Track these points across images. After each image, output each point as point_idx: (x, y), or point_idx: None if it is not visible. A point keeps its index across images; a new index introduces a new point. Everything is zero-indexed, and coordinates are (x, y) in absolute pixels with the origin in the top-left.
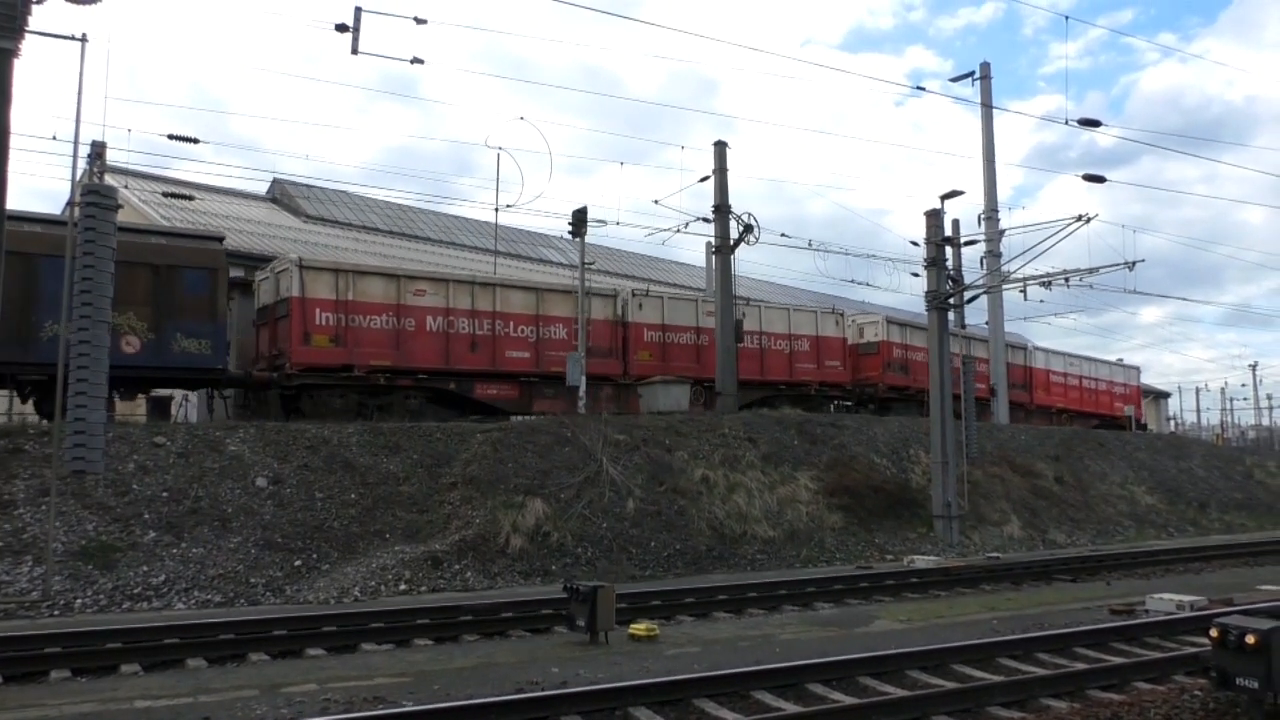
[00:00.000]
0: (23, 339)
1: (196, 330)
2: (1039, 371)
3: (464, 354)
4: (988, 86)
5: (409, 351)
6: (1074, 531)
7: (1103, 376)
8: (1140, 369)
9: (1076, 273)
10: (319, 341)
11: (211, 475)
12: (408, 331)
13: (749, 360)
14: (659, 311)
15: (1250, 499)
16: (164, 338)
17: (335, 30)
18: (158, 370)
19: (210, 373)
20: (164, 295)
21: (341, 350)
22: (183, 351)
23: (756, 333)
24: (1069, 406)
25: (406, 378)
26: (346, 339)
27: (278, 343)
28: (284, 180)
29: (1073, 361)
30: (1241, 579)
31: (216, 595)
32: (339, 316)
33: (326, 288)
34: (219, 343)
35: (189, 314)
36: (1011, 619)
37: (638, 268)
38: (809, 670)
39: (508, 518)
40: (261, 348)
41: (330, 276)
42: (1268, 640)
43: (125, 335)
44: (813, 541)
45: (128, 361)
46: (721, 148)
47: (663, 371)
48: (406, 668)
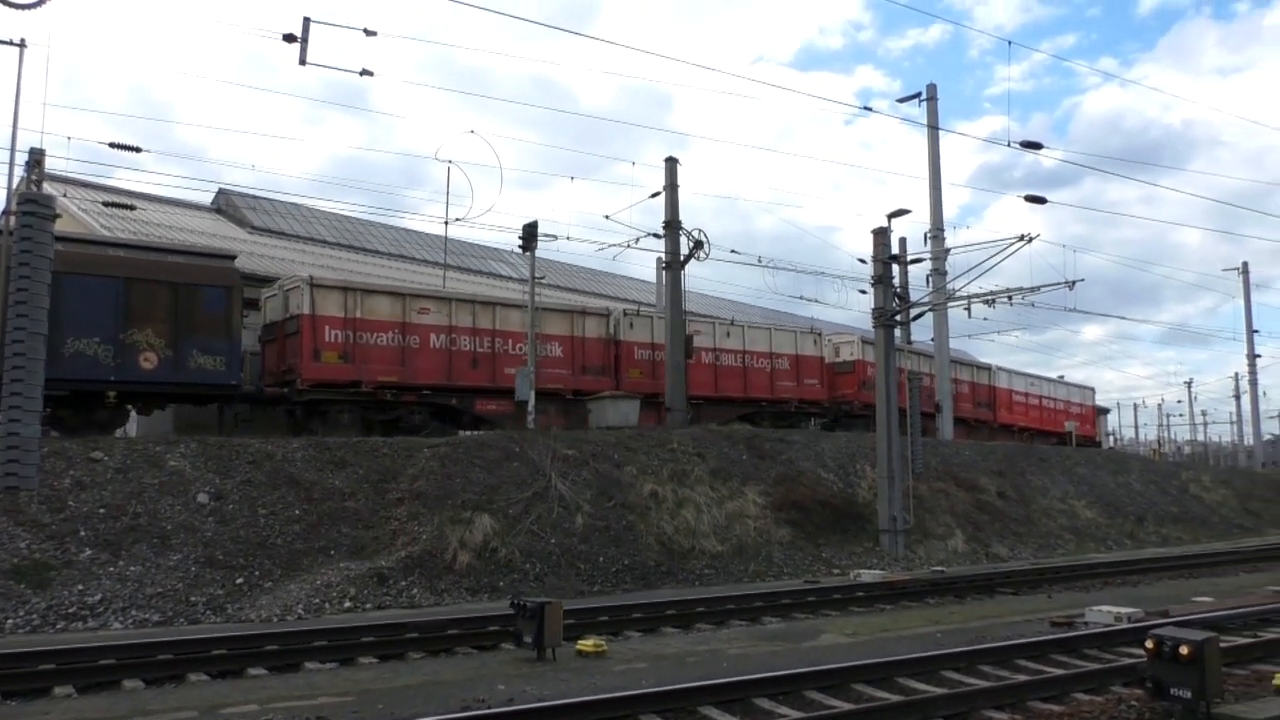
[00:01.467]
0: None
1: (212, 347)
2: (1002, 391)
3: (465, 370)
4: (934, 108)
5: (414, 368)
6: (1016, 545)
7: (1060, 396)
8: (1095, 390)
9: (1019, 291)
10: (328, 358)
11: (151, 491)
12: (412, 349)
13: (733, 377)
14: (649, 330)
15: (1185, 513)
16: (181, 354)
17: (283, 40)
18: (175, 386)
19: (225, 389)
20: (181, 313)
21: (350, 367)
22: (199, 368)
23: (740, 351)
24: (1030, 425)
25: (411, 393)
26: (354, 356)
27: (287, 359)
28: (230, 191)
29: (1033, 382)
30: (1177, 591)
31: (155, 614)
32: (347, 334)
33: (335, 305)
34: (233, 359)
35: (205, 331)
36: (955, 632)
37: (589, 282)
38: (756, 685)
39: (455, 533)
40: (269, 364)
41: (339, 295)
42: (1200, 651)
43: (144, 352)
44: (761, 556)
45: (146, 378)
46: (672, 164)
47: (653, 389)
48: (350, 687)
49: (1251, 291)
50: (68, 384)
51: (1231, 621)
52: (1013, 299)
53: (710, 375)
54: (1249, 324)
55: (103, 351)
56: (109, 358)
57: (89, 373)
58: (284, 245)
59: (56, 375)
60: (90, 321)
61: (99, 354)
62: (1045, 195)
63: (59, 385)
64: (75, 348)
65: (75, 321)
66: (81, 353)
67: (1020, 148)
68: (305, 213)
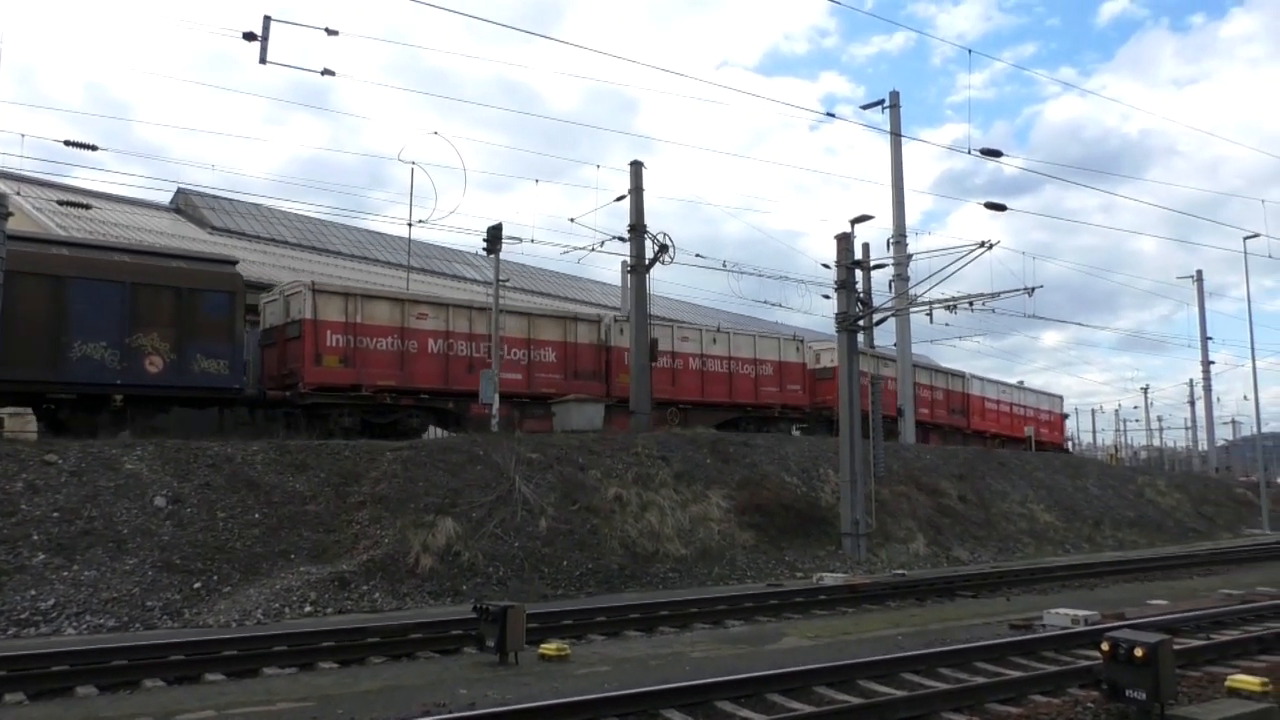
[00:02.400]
0: (53, 360)
1: (215, 351)
2: (975, 399)
3: (462, 375)
4: (897, 115)
5: (412, 372)
6: (976, 548)
7: (1030, 404)
8: (1063, 398)
9: (979, 297)
10: (329, 362)
11: (106, 494)
12: (411, 353)
13: (719, 383)
14: None
15: (1141, 517)
16: (185, 358)
17: (243, 39)
18: (179, 390)
19: (227, 392)
20: (186, 317)
21: (350, 370)
22: (203, 371)
23: (726, 358)
24: (1001, 432)
25: (410, 397)
26: (355, 360)
27: (288, 363)
28: (189, 191)
29: (1005, 390)
30: (1133, 594)
31: (110, 620)
32: (348, 338)
33: (336, 310)
34: (236, 363)
35: (208, 335)
36: (916, 634)
37: (554, 286)
38: (718, 688)
39: (418, 537)
40: (270, 368)
41: (340, 300)
42: (1154, 653)
43: (149, 355)
44: (724, 559)
45: (151, 381)
46: (638, 167)
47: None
48: (310, 692)
49: (1206, 299)
50: (75, 387)
51: (1185, 624)
52: (974, 305)
53: (697, 381)
54: (1203, 331)
55: (109, 355)
56: (115, 361)
57: (96, 376)
58: (244, 246)
59: (64, 379)
60: (97, 326)
61: (105, 358)
62: (1006, 202)
63: (67, 388)
64: (82, 351)
65: (82, 325)
66: (89, 356)
67: (981, 155)
68: (266, 213)
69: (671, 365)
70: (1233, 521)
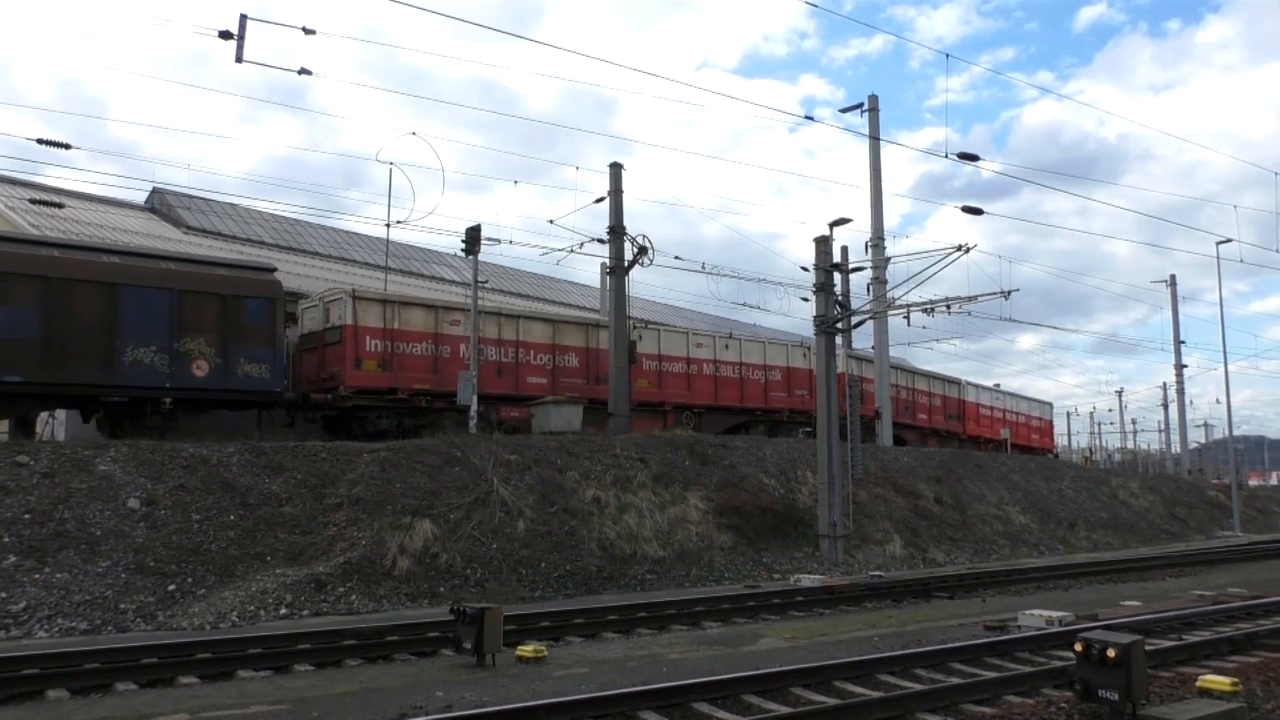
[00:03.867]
0: (107, 363)
1: (257, 355)
2: (970, 405)
3: (491, 379)
4: (875, 119)
5: (445, 376)
6: (953, 550)
7: (1022, 410)
8: (1053, 405)
9: (956, 300)
10: (369, 366)
11: (79, 496)
12: (444, 358)
13: (731, 388)
14: (655, 342)
15: (1115, 518)
16: (229, 362)
17: (219, 37)
18: (224, 393)
19: (269, 395)
20: (229, 323)
21: (388, 375)
22: (246, 375)
23: (738, 363)
24: (995, 437)
25: (443, 400)
26: (392, 364)
27: (328, 367)
28: (164, 190)
29: (998, 397)
30: (1106, 595)
31: (82, 622)
32: (386, 343)
33: (375, 317)
34: (277, 367)
35: (251, 340)
36: (892, 636)
37: (532, 287)
38: (695, 689)
39: (395, 539)
40: (308, 371)
41: (379, 306)
42: (1127, 654)
43: (196, 359)
44: (702, 561)
45: (198, 384)
46: (617, 169)
47: (660, 398)
48: (285, 695)
49: (1179, 303)
50: (127, 390)
51: (1157, 625)
52: (951, 308)
53: (711, 386)
54: (1176, 335)
55: (158, 359)
56: (164, 365)
57: (146, 379)
58: (220, 246)
59: (117, 382)
60: (147, 331)
61: (155, 361)
62: (984, 206)
63: (119, 392)
64: (134, 355)
65: (134, 330)
66: (139, 360)
67: (957, 159)
68: (242, 213)
69: (686, 370)
70: (1205, 523)
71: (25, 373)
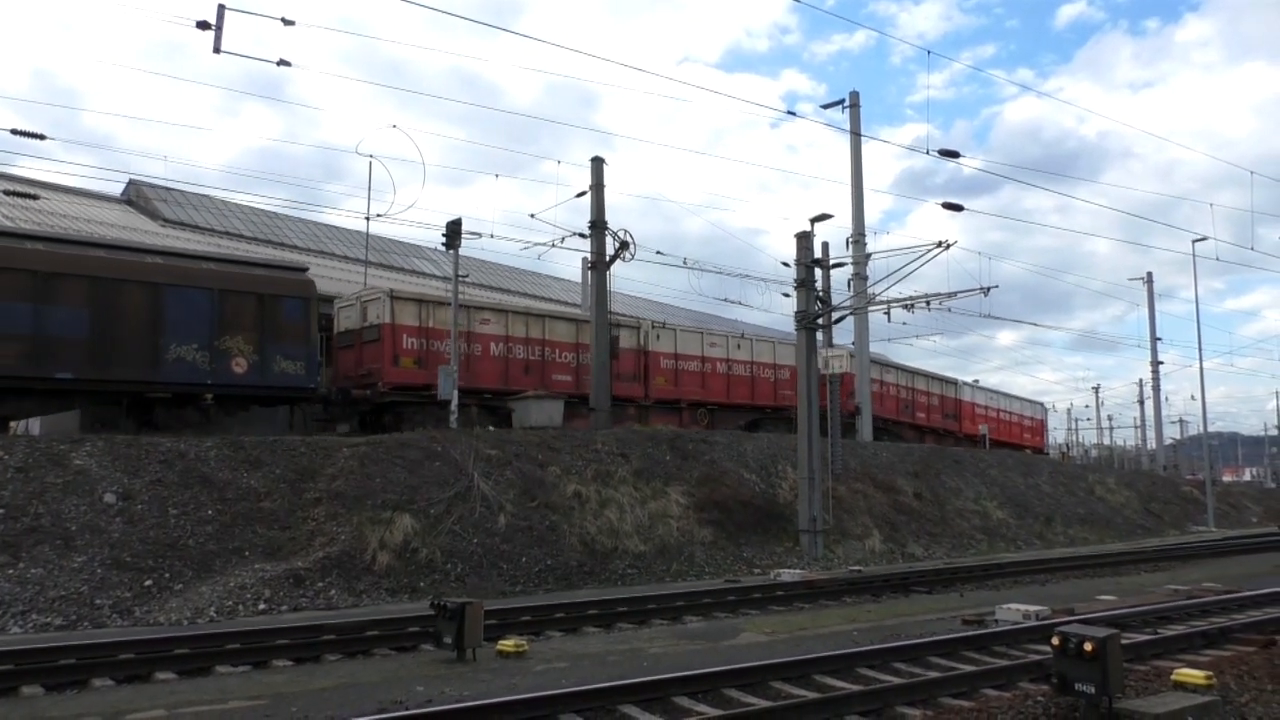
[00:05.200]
0: (151, 361)
1: (292, 353)
2: (966, 404)
3: (519, 376)
4: (856, 115)
5: (475, 373)
6: (931, 545)
7: (1015, 410)
8: (1045, 405)
9: (936, 296)
10: (405, 363)
11: (54, 491)
12: (475, 356)
13: (742, 386)
14: (672, 342)
15: (1091, 514)
16: (266, 360)
17: (197, 27)
18: (261, 389)
19: (303, 391)
20: (266, 321)
21: (423, 371)
22: (281, 372)
23: (749, 362)
24: (990, 436)
25: (474, 397)
26: (427, 361)
27: (365, 364)
28: (140, 181)
29: (993, 397)
30: (1082, 589)
31: (57, 618)
32: (421, 341)
33: (411, 315)
34: (311, 364)
35: (286, 338)
36: (871, 630)
37: (513, 281)
38: (675, 683)
39: (375, 534)
40: (345, 368)
41: (415, 306)
42: (1103, 648)
43: (235, 357)
44: (683, 556)
45: (237, 381)
46: (599, 164)
47: (676, 395)
48: (263, 690)
49: (1156, 301)
50: (171, 387)
51: (1133, 619)
52: (931, 304)
53: (724, 384)
54: (1153, 332)
55: (200, 357)
56: (206, 362)
57: (189, 376)
58: (198, 239)
59: (162, 379)
60: (189, 329)
61: (197, 359)
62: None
63: (163, 388)
64: (177, 353)
65: (177, 329)
66: (182, 358)
67: (939, 156)
68: (220, 206)
69: (701, 369)
70: (1179, 519)
71: (76, 370)
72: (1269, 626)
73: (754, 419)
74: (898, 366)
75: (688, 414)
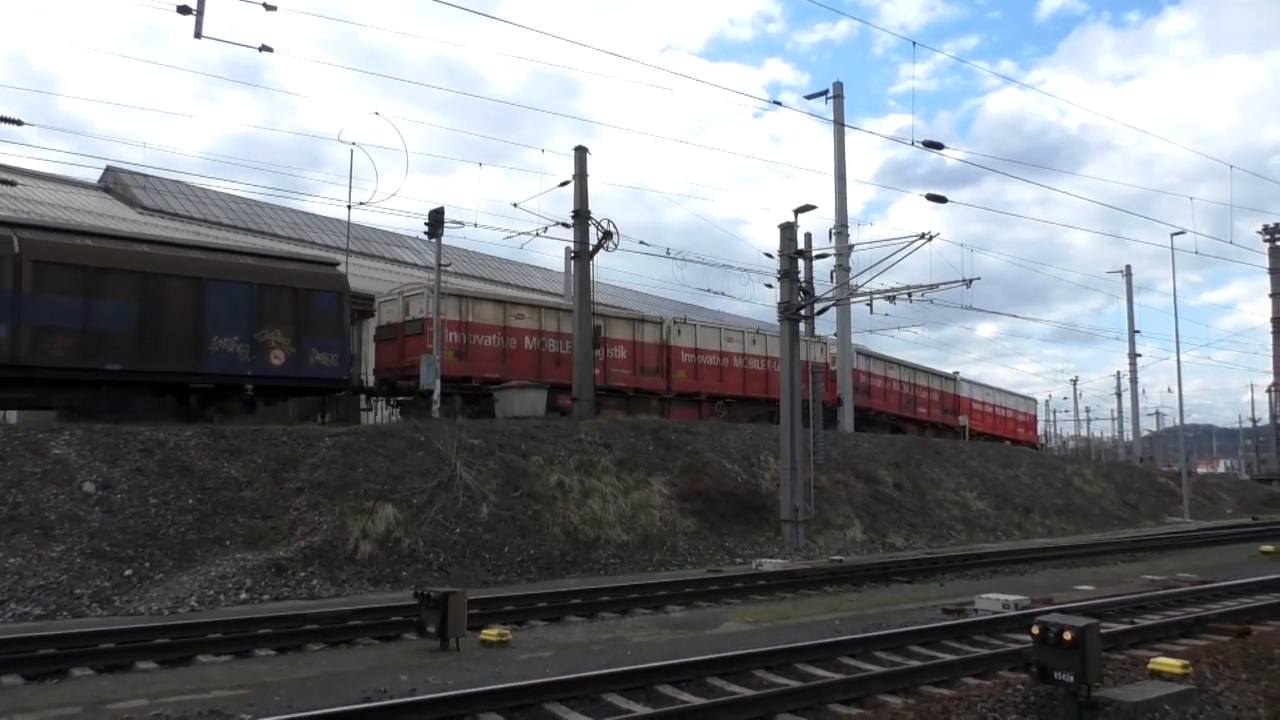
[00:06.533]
0: (195, 353)
1: (327, 345)
2: (964, 399)
3: (551, 369)
4: (840, 105)
5: (511, 366)
6: (911, 535)
7: (1010, 405)
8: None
9: (918, 288)
10: (447, 356)
11: (32, 480)
12: (511, 349)
13: (757, 380)
14: (693, 337)
15: (1069, 505)
16: (302, 352)
17: (177, 12)
18: (298, 380)
19: (337, 382)
20: (302, 315)
21: (463, 364)
22: (317, 364)
23: (763, 356)
24: (985, 430)
25: None
26: (467, 354)
27: (408, 356)
28: (118, 168)
29: (989, 393)
30: (1061, 579)
31: (36, 608)
32: (461, 335)
33: (452, 310)
34: (344, 356)
35: (321, 331)
36: (852, 619)
37: (496, 271)
38: (659, 672)
39: (357, 523)
40: (386, 360)
41: (455, 301)
42: (1082, 637)
43: (273, 349)
44: (665, 545)
45: (276, 372)
46: (582, 153)
47: (696, 389)
48: (246, 679)
49: (1134, 294)
50: (214, 378)
51: (1110, 609)
52: (913, 296)
53: (740, 378)
54: (1131, 325)
55: (241, 349)
56: (246, 354)
57: (231, 368)
58: (176, 227)
59: (205, 370)
60: (230, 322)
61: (238, 351)
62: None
63: (207, 379)
64: (219, 345)
65: (219, 322)
66: (224, 350)
67: (923, 147)
68: (199, 193)
69: (719, 363)
70: (1155, 510)
71: (125, 362)
72: (1243, 616)
73: (768, 411)
74: (900, 363)
75: (706, 406)
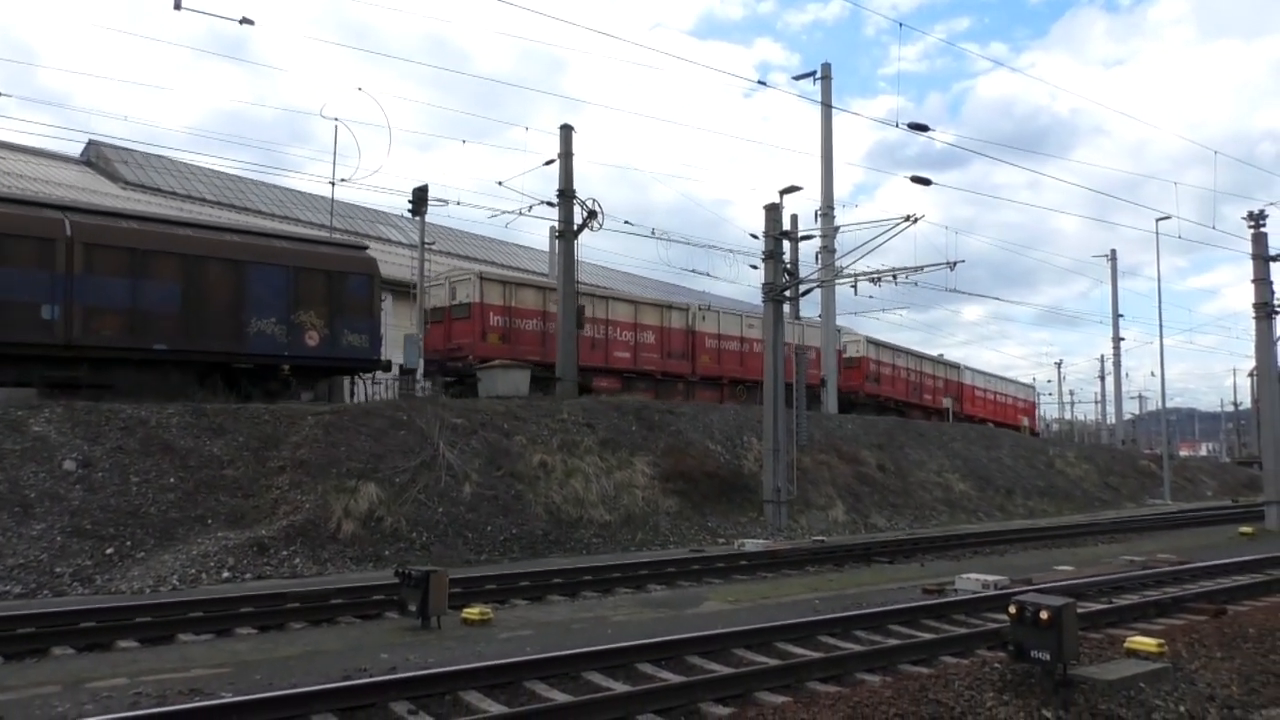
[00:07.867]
0: (236, 334)
1: (359, 327)
2: (967, 387)
3: (586, 352)
4: (828, 87)
5: (550, 349)
6: (894, 516)
7: (1009, 392)
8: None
9: (903, 270)
10: (492, 339)
11: (12, 458)
12: (550, 333)
13: None
14: (716, 323)
15: (1051, 487)
16: (335, 333)
17: None
18: (331, 360)
19: (368, 364)
20: (335, 297)
21: (507, 347)
22: (349, 345)
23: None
24: (987, 416)
25: (549, 370)
26: (511, 338)
27: (454, 339)
28: (100, 142)
29: (990, 380)
30: (1041, 560)
31: (16, 586)
32: (505, 319)
33: (498, 295)
34: (375, 338)
35: (353, 313)
36: (833, 599)
37: (480, 250)
38: (639, 651)
39: (339, 502)
40: (432, 343)
41: (500, 286)
42: (1059, 616)
43: (308, 331)
44: (648, 525)
45: (311, 353)
46: (567, 132)
47: (718, 373)
48: (227, 658)
49: (1119, 278)
50: (253, 358)
51: (1089, 589)
52: (898, 278)
53: (759, 362)
54: (1115, 308)
55: (278, 330)
56: (283, 335)
57: (269, 348)
58: (159, 203)
59: (245, 350)
60: (269, 304)
61: (275, 332)
62: (935, 177)
63: (247, 359)
64: (258, 327)
65: (258, 304)
66: (263, 331)
67: (909, 129)
68: (182, 168)
69: (740, 349)
70: (1136, 492)
71: (170, 342)
72: (1220, 596)
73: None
74: (908, 351)
75: (727, 390)
